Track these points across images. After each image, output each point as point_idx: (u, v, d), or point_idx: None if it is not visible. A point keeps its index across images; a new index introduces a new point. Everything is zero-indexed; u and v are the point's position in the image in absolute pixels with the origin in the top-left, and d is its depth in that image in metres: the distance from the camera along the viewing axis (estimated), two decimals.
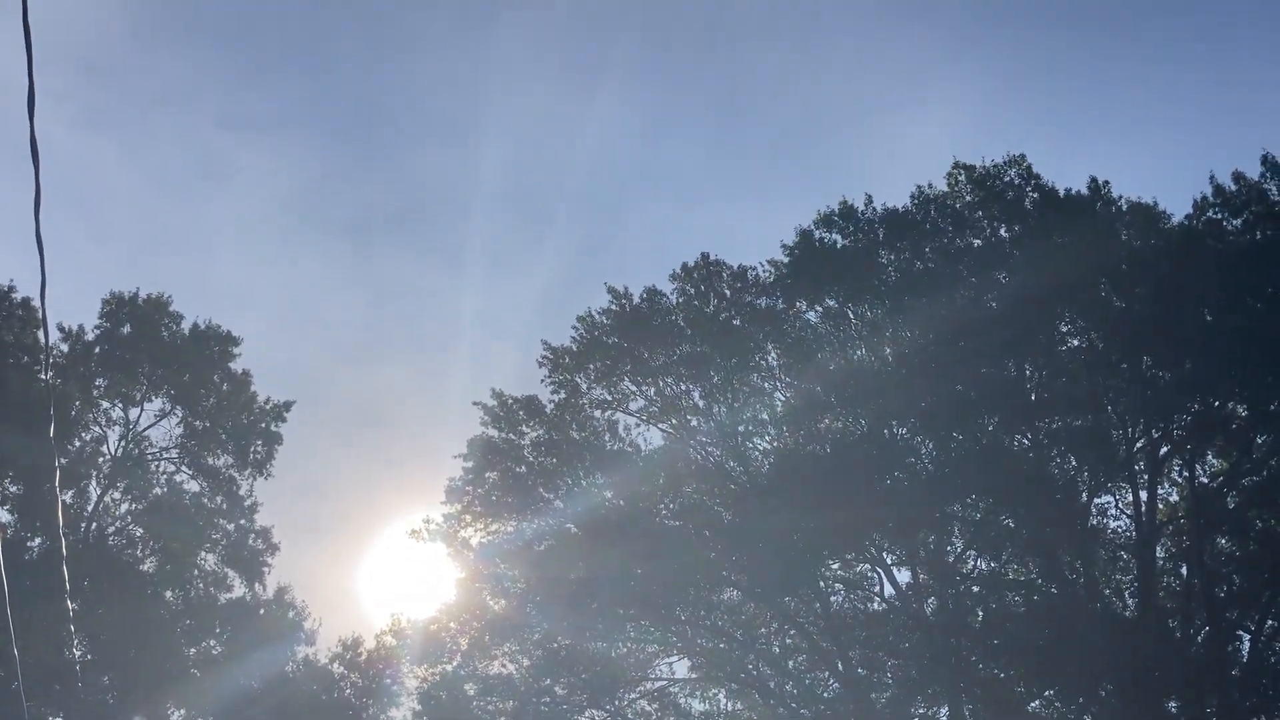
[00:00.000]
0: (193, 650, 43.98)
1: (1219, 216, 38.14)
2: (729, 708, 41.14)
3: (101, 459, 44.75)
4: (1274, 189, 37.65)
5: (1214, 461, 39.03)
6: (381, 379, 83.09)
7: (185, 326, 46.37)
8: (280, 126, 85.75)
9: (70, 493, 43.48)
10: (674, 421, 41.35)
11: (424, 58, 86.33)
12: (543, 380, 41.56)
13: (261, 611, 44.94)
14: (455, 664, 40.42)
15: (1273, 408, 36.42)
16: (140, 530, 44.65)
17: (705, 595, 39.79)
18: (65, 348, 45.06)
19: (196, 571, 45.14)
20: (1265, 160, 37.90)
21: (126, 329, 45.65)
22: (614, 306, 41.53)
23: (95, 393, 44.79)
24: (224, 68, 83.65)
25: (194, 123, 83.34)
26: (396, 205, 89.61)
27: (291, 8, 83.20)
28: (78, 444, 44.08)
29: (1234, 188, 38.00)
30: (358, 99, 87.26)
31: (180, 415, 45.72)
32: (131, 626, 41.88)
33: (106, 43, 79.01)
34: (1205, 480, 38.48)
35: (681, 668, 40.89)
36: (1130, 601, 38.30)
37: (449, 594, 41.63)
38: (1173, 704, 36.37)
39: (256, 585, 45.49)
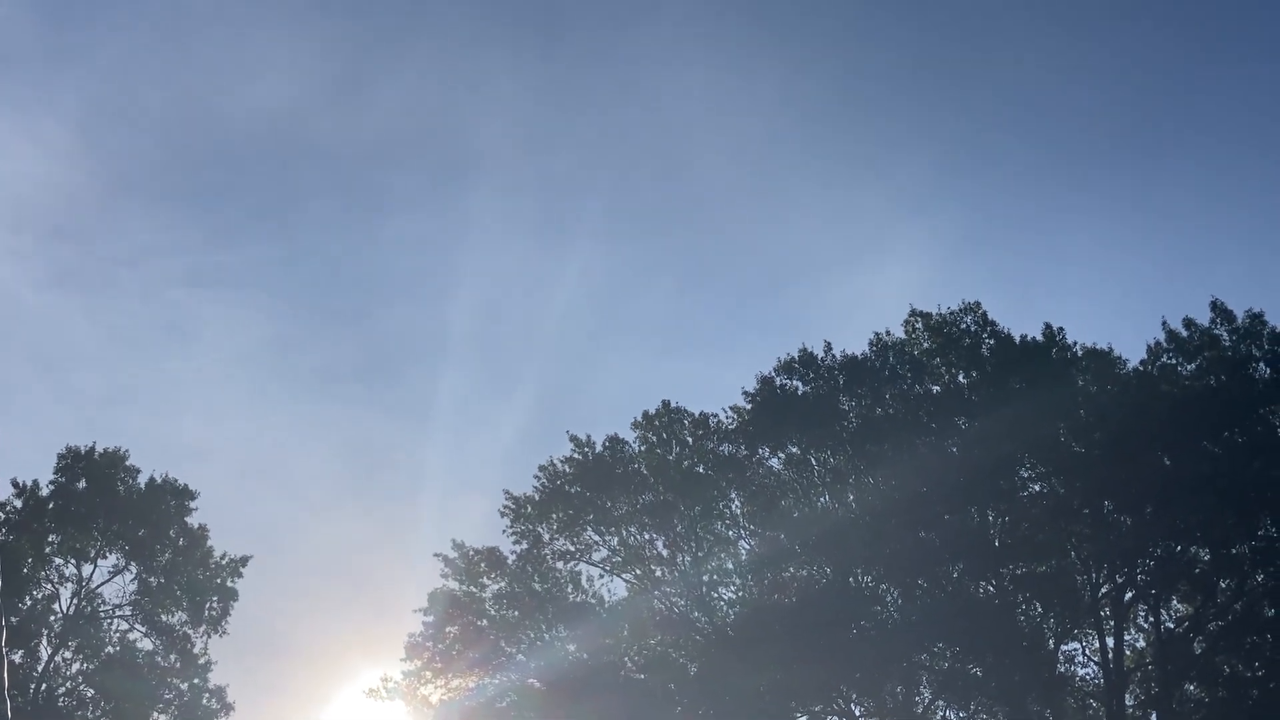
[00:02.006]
0: None
1: (1173, 362, 38.68)
2: None
3: (53, 617, 43.78)
4: (1225, 334, 38.29)
5: (1179, 606, 38.96)
6: (344, 531, 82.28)
7: (141, 481, 45.88)
8: (248, 283, 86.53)
9: (20, 652, 42.37)
10: (638, 571, 40.97)
11: (396, 216, 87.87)
12: (504, 530, 41.25)
13: None
14: None
15: (1234, 551, 36.55)
16: (92, 690, 43.45)
17: None
18: (19, 503, 44.39)
19: None
20: (1215, 306, 38.68)
21: (82, 484, 45.07)
22: (576, 455, 41.43)
23: (48, 549, 44.00)
24: (193, 227, 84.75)
25: (161, 281, 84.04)
26: (364, 359, 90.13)
27: (262, 168, 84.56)
28: (29, 602, 43.14)
29: (1186, 334, 38.63)
30: (328, 255, 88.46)
31: (135, 571, 44.94)
32: None
33: (75, 205, 79.97)
34: (1171, 625, 38.35)
35: None
36: None
37: None
38: None
39: None
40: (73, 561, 44.44)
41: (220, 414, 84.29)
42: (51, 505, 44.43)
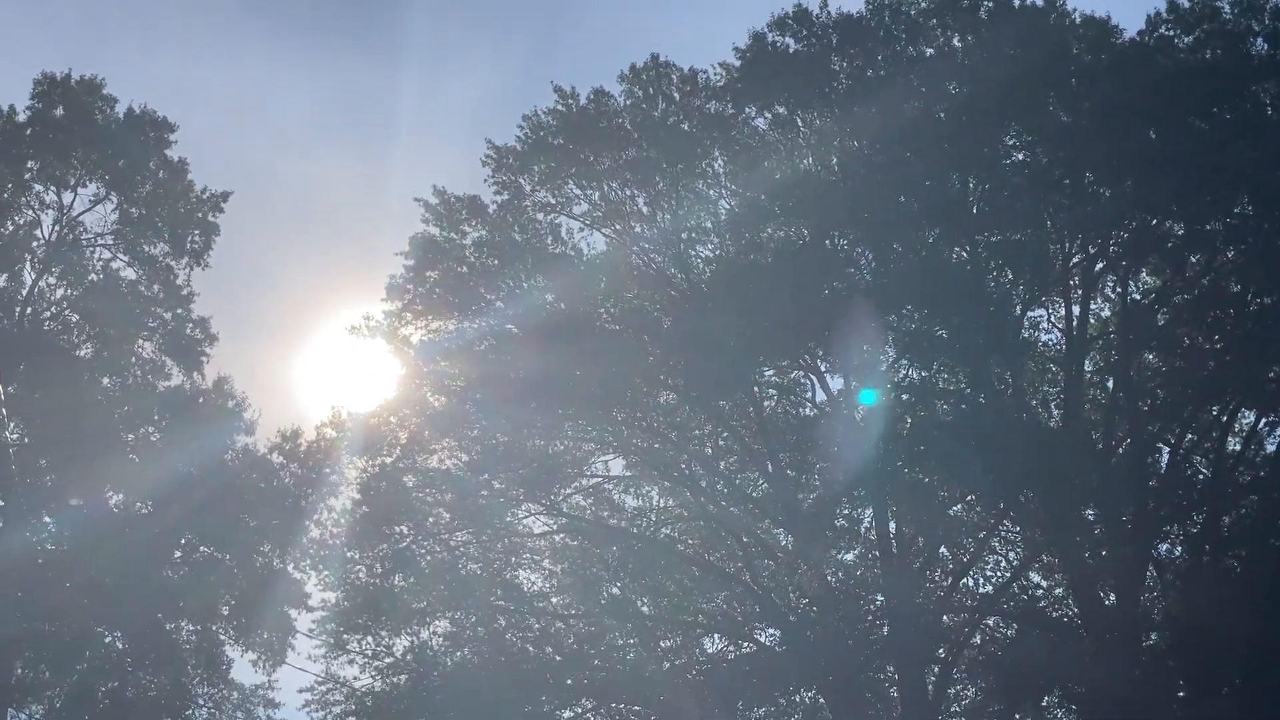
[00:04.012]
0: (130, 436, 44.01)
1: (1171, 34, 37.89)
2: (661, 504, 42.03)
3: (35, 243, 44.09)
4: (1226, 6, 37.41)
5: (1147, 279, 39.57)
6: (324, 174, 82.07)
7: (120, 110, 45.27)
8: None
9: (3, 276, 42.94)
10: (617, 226, 41.22)
11: None
12: (486, 180, 41.23)
13: (200, 400, 44.93)
14: (395, 457, 40.75)
15: (1208, 227, 36.81)
16: (76, 316, 44.23)
17: (642, 397, 40.15)
18: None
19: (134, 359, 44.92)
20: None
21: (59, 111, 44.44)
22: (560, 107, 40.98)
23: (27, 175, 43.83)
24: None
25: None
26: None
27: None
28: (10, 227, 43.36)
29: (1187, 4, 37.71)
30: None
31: (115, 201, 44.87)
32: (68, 411, 41.87)
33: None
34: (1138, 297, 39.07)
35: (617, 465, 41.69)
36: (1056, 413, 39.20)
37: (388, 390, 41.78)
38: (1090, 512, 37.57)
39: (195, 374, 45.38)
40: (53, 189, 44.29)
41: (198, 51, 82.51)
42: (29, 132, 43.95)
